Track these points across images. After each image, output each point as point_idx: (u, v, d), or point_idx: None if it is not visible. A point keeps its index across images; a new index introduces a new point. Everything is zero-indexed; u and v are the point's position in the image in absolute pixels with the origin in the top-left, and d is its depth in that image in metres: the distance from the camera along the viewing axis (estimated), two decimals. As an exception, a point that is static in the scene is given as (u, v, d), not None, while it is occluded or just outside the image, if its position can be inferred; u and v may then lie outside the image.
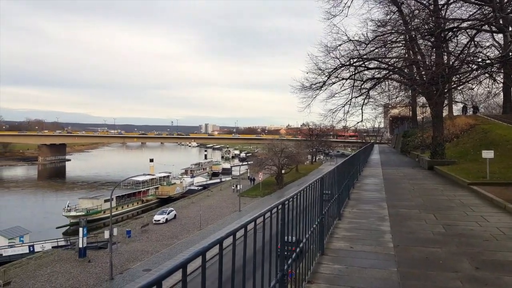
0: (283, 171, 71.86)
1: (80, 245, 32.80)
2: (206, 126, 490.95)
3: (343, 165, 9.26)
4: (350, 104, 24.92)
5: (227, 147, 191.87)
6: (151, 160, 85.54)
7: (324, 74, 23.79)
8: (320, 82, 24.10)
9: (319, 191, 5.70)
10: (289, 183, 74.33)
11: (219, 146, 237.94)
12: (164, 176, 73.00)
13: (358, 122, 27.77)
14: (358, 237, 7.09)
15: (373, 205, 10.38)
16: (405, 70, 24.67)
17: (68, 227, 50.84)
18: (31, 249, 37.06)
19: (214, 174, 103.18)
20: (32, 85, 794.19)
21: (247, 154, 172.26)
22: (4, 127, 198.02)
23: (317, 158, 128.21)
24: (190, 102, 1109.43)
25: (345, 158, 11.03)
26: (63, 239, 40.69)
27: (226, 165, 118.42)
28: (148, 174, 71.17)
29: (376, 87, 26.82)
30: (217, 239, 2.25)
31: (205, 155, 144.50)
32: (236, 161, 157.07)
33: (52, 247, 37.30)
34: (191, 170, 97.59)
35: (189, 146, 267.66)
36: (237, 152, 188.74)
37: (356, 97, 25.17)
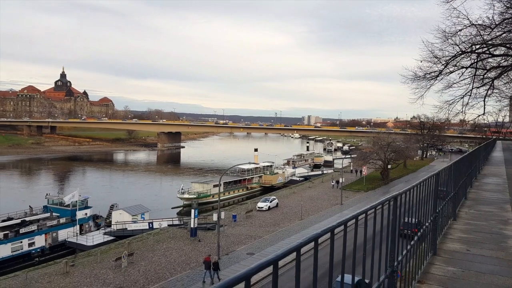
0: (389, 166, 68.24)
1: (192, 225, 35.75)
2: (309, 117, 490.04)
3: (461, 162, 8.52)
4: (470, 96, 22.43)
5: (330, 139, 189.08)
6: (256, 150, 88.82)
7: (440, 62, 21.80)
8: (435, 71, 22.18)
9: (434, 188, 5.39)
10: (395, 179, 70.45)
11: (321, 138, 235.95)
12: (267, 166, 75.30)
13: (479, 116, 24.86)
14: (476, 240, 6.51)
15: (494, 207, 9.36)
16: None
17: (182, 208, 55.89)
18: (150, 226, 41.43)
19: (316, 166, 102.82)
20: (153, 78, 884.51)
21: (351, 147, 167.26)
22: (129, 116, 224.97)
23: (428, 154, 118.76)
24: (294, 94, 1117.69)
25: (461, 155, 10.10)
26: (177, 219, 44.76)
27: (328, 158, 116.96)
28: (253, 163, 74.11)
29: (502, 76, 23.69)
30: (328, 227, 2.29)
31: (307, 147, 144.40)
32: (339, 154, 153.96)
33: (168, 225, 41.21)
34: (293, 161, 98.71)
35: (292, 137, 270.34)
36: (340, 144, 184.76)
37: (478, 87, 22.55)
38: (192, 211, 35.58)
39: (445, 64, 22.11)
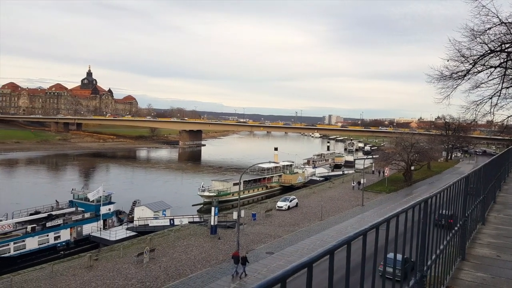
0: (412, 168, 66.93)
1: (212, 223, 36.05)
2: (329, 117, 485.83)
3: (490, 164, 8.26)
4: (499, 96, 21.73)
5: (351, 139, 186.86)
6: (276, 149, 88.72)
7: (468, 61, 21.20)
8: (462, 70, 21.58)
9: (463, 191, 5.24)
10: (418, 181, 69.06)
11: (342, 138, 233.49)
12: (287, 165, 75.08)
13: (508, 117, 24.10)
14: (506, 245, 6.30)
15: (525, 212, 9.03)
16: None
17: (202, 205, 56.42)
18: (171, 222, 41.99)
19: (336, 166, 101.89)
20: (175, 77, 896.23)
21: (372, 148, 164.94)
22: (152, 114, 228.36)
23: (453, 156, 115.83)
24: (314, 93, 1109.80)
25: (488, 157, 9.78)
26: (197, 216, 45.24)
27: (349, 158, 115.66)
28: (273, 162, 74.05)
29: (534, 76, 22.84)
30: (361, 230, 2.25)
31: (328, 147, 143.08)
32: (360, 154, 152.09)
33: (189, 222, 41.69)
34: (313, 161, 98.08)
35: (312, 136, 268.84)
36: (361, 145, 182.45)
37: (507, 87, 21.86)
38: (212, 209, 35.85)
39: (473, 63, 21.48)
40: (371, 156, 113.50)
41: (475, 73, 22.24)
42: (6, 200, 54.26)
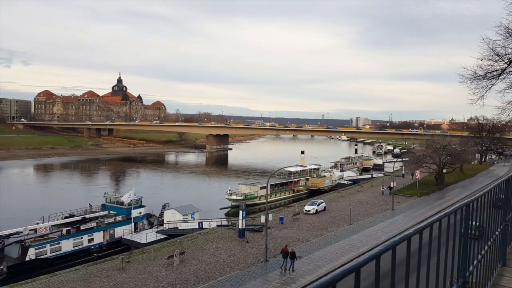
0: (444, 171, 64.95)
1: (240, 226, 36.18)
2: (357, 119, 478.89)
3: None
4: (536, 96, 20.90)
5: (380, 142, 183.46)
6: (302, 152, 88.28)
7: (503, 60, 20.47)
8: (497, 69, 20.86)
9: (505, 194, 5.09)
10: (451, 184, 66.91)
11: (370, 140, 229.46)
12: (314, 168, 74.52)
13: (548, 118, 23.06)
14: (550, 252, 6.04)
15: None
16: None
17: (229, 208, 56.80)
18: (200, 225, 42.36)
19: (365, 169, 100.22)
20: (202, 82, 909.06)
21: (402, 150, 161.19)
22: (180, 119, 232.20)
23: (487, 158, 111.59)
24: (341, 96, 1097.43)
25: None
26: (225, 219, 45.53)
27: (378, 161, 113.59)
28: (300, 166, 73.69)
29: None
30: (405, 235, 2.26)
31: (356, 150, 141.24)
32: (389, 157, 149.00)
33: (217, 225, 42.05)
34: (340, 164, 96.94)
35: (339, 139, 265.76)
36: (390, 147, 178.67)
37: (546, 86, 20.95)
38: (240, 212, 35.96)
39: (508, 62, 20.72)
40: (400, 159, 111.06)
41: (510, 72, 21.48)
42: (42, 203, 56.53)
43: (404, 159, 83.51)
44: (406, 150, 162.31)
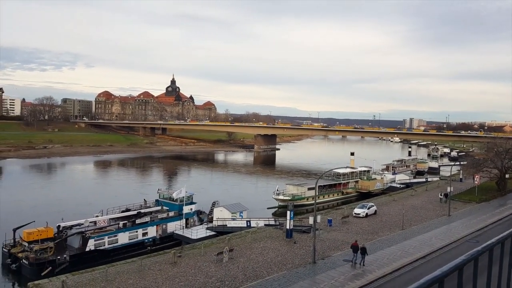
0: (507, 176, 60.65)
1: (288, 227, 36.16)
2: (411, 120, 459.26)
3: None
4: None
5: (435, 144, 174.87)
6: (352, 154, 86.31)
7: None
8: None
9: None
10: (514, 191, 62.31)
11: (425, 142, 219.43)
12: (364, 171, 72.57)
13: None
14: None
15: None
16: None
17: (277, 208, 56.90)
18: (248, 224, 42.88)
19: (419, 173, 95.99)
20: (251, 83, 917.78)
21: (460, 154, 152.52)
22: (230, 119, 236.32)
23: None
24: (394, 96, 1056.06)
25: None
26: (273, 219, 45.70)
27: (433, 164, 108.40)
28: (349, 167, 72.14)
29: None
30: (487, 244, 2.14)
31: (409, 152, 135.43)
32: (446, 160, 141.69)
33: (265, 224, 42.33)
34: (392, 167, 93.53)
35: (391, 141, 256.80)
36: (446, 150, 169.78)
37: None
38: (288, 212, 35.93)
39: None
40: (458, 163, 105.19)
41: None
42: (101, 197, 60.07)
43: (462, 163, 79.06)
44: (464, 153, 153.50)
